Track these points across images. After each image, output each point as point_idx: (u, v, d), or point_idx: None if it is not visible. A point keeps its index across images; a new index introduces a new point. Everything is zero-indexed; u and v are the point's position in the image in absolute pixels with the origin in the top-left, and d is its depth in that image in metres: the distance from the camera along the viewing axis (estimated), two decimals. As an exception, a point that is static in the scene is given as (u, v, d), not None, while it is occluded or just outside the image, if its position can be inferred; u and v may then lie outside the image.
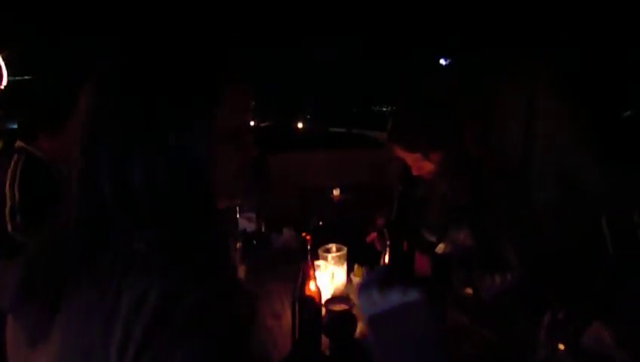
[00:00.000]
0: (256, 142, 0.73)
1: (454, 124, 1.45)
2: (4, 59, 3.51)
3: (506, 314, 1.34)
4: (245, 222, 1.96)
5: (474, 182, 1.45)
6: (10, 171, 1.85)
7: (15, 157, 1.88)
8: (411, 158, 1.47)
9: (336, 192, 5.11)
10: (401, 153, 1.48)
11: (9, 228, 1.80)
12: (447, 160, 1.43)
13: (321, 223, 2.18)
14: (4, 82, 3.57)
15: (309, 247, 1.05)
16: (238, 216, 1.98)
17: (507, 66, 1.75)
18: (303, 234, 1.03)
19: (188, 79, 0.63)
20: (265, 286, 1.47)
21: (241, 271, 1.44)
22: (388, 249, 1.32)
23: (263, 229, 2.11)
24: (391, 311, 0.71)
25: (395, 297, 0.72)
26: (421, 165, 1.47)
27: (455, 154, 1.43)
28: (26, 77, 4.14)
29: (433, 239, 1.54)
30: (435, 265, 1.43)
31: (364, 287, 0.77)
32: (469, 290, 1.35)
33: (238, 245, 1.45)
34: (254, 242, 1.90)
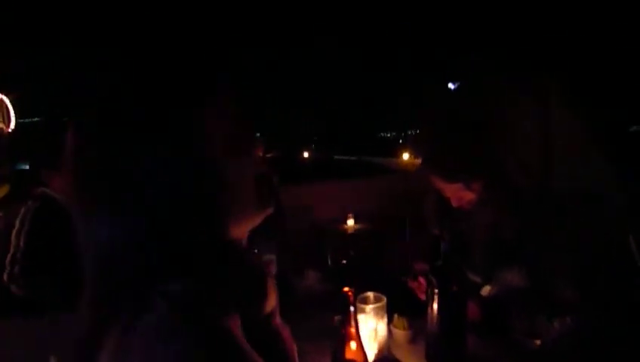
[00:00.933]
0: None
1: (494, 148, 1.32)
2: (11, 102, 3.49)
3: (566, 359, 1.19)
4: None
5: (520, 213, 1.30)
6: (20, 218, 1.76)
7: (29, 203, 1.80)
8: (451, 189, 1.33)
9: (350, 223, 4.96)
10: (439, 183, 1.35)
11: (5, 277, 1.69)
12: (489, 188, 1.30)
13: (344, 261, 2.03)
14: (12, 125, 3.53)
15: (352, 308, 0.90)
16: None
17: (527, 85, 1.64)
18: (345, 289, 0.89)
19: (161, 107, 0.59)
20: (297, 344, 1.31)
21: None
22: (434, 299, 1.17)
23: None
24: None
25: None
26: (462, 195, 1.33)
27: (497, 181, 1.29)
28: (35, 118, 4.11)
29: (478, 279, 1.39)
30: (485, 310, 1.28)
31: None
32: (532, 338, 1.19)
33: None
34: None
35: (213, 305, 0.55)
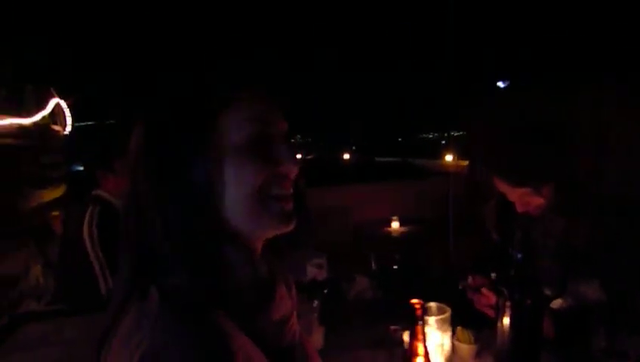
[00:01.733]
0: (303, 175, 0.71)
1: (565, 153, 1.23)
2: (69, 106, 3.64)
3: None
4: (314, 270, 1.76)
5: (595, 219, 1.20)
6: (86, 226, 1.79)
7: (90, 208, 1.83)
8: (518, 194, 1.24)
9: (394, 226, 4.85)
10: (504, 188, 1.26)
11: (102, 289, 1.72)
12: (561, 193, 1.20)
13: (395, 267, 1.96)
14: (69, 128, 3.67)
15: (420, 322, 0.84)
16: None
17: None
18: (414, 302, 0.82)
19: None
20: (351, 351, 1.26)
21: (319, 335, 1.24)
22: (506, 311, 1.09)
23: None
24: None
25: None
26: (529, 200, 1.24)
27: (570, 186, 1.19)
28: (89, 122, 4.28)
29: (548, 292, 1.29)
30: (559, 325, 1.18)
31: None
32: (617, 359, 1.08)
33: (315, 303, 1.26)
34: (325, 291, 1.70)
35: (206, 303, 0.57)
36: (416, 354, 0.86)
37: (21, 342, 1.29)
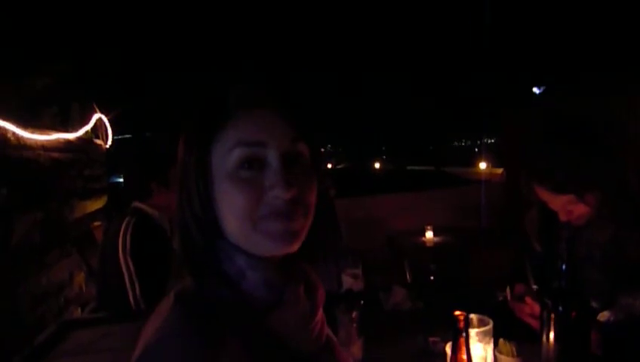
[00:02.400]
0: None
1: (612, 158, 1.20)
2: (109, 121, 3.80)
3: None
4: (350, 280, 1.76)
5: None
6: (121, 237, 1.86)
7: (127, 218, 1.91)
8: (560, 201, 1.22)
9: (429, 235, 4.79)
10: (545, 196, 1.24)
11: (131, 299, 1.79)
12: (607, 200, 1.17)
13: (432, 278, 1.94)
14: (109, 141, 3.83)
15: (464, 334, 0.83)
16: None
17: None
18: (457, 314, 0.82)
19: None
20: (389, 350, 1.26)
21: (358, 346, 1.24)
22: (553, 322, 1.06)
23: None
24: None
25: None
26: (573, 209, 1.21)
27: (618, 194, 1.16)
28: (127, 135, 4.45)
29: (595, 305, 1.25)
30: (607, 340, 1.14)
31: None
32: None
33: (354, 314, 1.26)
34: (362, 302, 1.69)
35: (215, 306, 0.61)
36: (460, 367, 0.85)
37: (70, 349, 1.35)
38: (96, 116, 3.66)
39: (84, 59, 3.08)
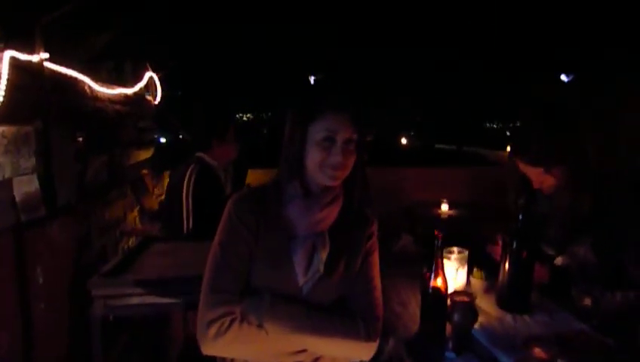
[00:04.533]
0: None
1: (577, 138, 1.52)
2: (160, 79, 4.11)
3: (625, 323, 1.37)
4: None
5: (597, 196, 1.50)
6: (185, 181, 2.31)
7: (192, 166, 2.35)
8: (533, 172, 1.56)
9: (444, 208, 5.13)
10: (523, 167, 1.58)
11: (184, 230, 2.25)
12: (570, 174, 1.51)
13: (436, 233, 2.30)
14: (159, 98, 4.17)
15: (439, 243, 1.22)
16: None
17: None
18: (436, 232, 1.19)
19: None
20: (391, 279, 1.66)
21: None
22: (508, 257, 1.43)
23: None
24: None
25: None
26: (543, 179, 1.55)
27: (578, 169, 1.49)
28: (179, 92, 4.83)
29: (552, 252, 1.61)
30: (553, 275, 1.50)
31: None
32: (588, 301, 1.40)
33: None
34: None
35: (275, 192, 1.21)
36: (437, 272, 1.23)
37: (155, 252, 1.80)
38: (148, 74, 3.98)
39: (139, 18, 3.30)
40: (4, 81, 1.56)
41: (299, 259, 1.12)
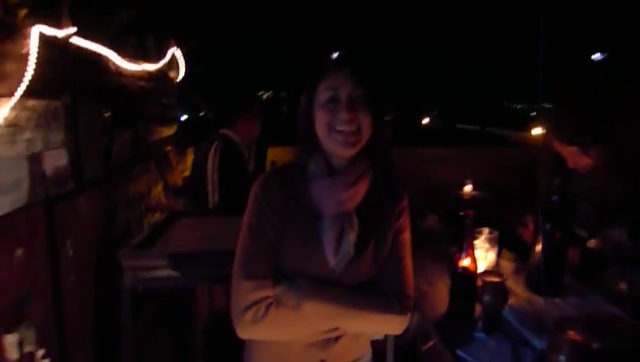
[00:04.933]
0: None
1: (617, 121, 1.47)
2: (183, 55, 4.11)
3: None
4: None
5: (634, 179, 1.45)
6: (211, 156, 2.33)
7: (216, 142, 2.37)
8: (569, 151, 1.52)
9: (467, 188, 5.06)
10: (558, 146, 1.54)
11: (210, 204, 2.28)
12: (607, 155, 1.46)
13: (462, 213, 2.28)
14: (181, 75, 4.17)
15: (470, 223, 1.20)
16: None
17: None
18: (467, 212, 1.17)
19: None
20: (417, 260, 1.65)
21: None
22: (540, 238, 1.40)
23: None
24: None
25: None
26: (578, 159, 1.51)
27: (615, 151, 1.45)
28: (200, 69, 4.82)
29: (584, 234, 1.57)
30: (585, 258, 1.47)
31: None
32: (623, 285, 1.37)
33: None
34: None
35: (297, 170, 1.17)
36: (467, 252, 1.22)
37: (183, 225, 1.82)
38: (171, 50, 3.99)
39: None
40: (33, 56, 1.56)
41: (328, 239, 1.10)
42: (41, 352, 1.58)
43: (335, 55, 1.11)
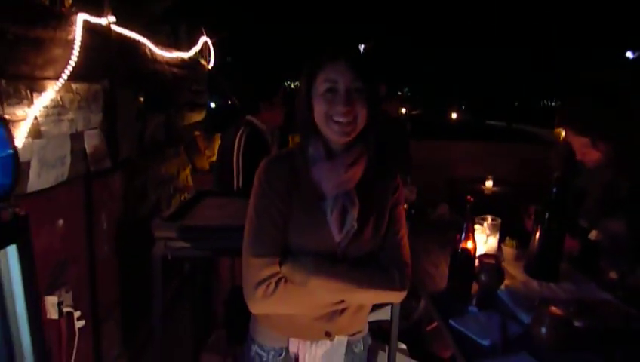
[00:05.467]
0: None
1: (630, 117, 1.50)
2: (213, 45, 4.23)
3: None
4: (407, 192, 2.24)
5: (637, 175, 1.50)
6: (237, 141, 2.47)
7: (242, 128, 2.50)
8: (579, 142, 1.55)
9: (488, 184, 5.09)
10: (569, 136, 1.58)
11: (234, 187, 2.42)
12: (615, 151, 1.49)
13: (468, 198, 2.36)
14: (212, 64, 4.30)
15: (470, 208, 1.29)
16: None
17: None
18: (468, 197, 1.27)
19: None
20: (425, 244, 1.77)
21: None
22: (539, 226, 1.48)
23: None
24: None
25: None
26: (587, 151, 1.54)
27: (624, 147, 1.48)
28: (228, 58, 4.96)
29: (586, 226, 1.64)
30: (585, 249, 1.54)
31: None
32: (614, 274, 1.43)
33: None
34: (412, 211, 2.18)
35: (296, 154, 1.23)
36: (467, 235, 1.31)
37: (208, 205, 1.97)
38: (203, 39, 4.03)
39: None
40: (78, 42, 1.69)
41: (332, 217, 1.18)
42: (77, 314, 1.73)
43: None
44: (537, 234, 1.49)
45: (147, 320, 2.26)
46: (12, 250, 0.87)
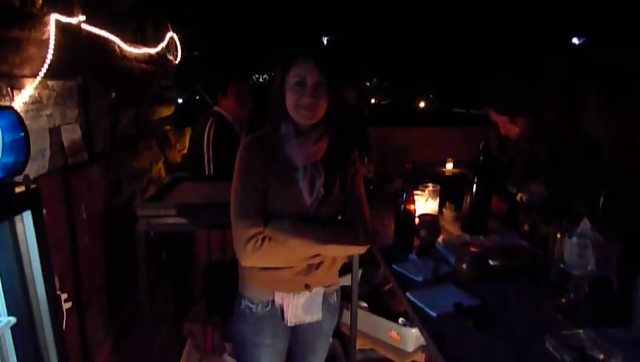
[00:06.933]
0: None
1: (539, 97, 1.78)
2: (180, 40, 4.31)
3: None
4: (365, 170, 2.46)
5: (551, 145, 1.77)
6: (206, 131, 2.63)
7: (211, 119, 2.66)
8: (500, 120, 1.83)
9: (448, 166, 5.37)
10: (492, 115, 1.85)
11: (206, 171, 2.60)
12: (530, 125, 1.77)
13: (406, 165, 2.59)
14: (179, 58, 4.38)
15: (408, 174, 1.52)
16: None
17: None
18: (406, 165, 1.50)
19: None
20: (378, 210, 2.02)
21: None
22: (470, 188, 1.73)
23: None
24: None
25: None
26: (508, 127, 1.82)
27: (537, 121, 1.76)
28: (195, 52, 5.03)
29: (514, 190, 1.91)
30: (512, 209, 1.81)
31: None
32: (526, 227, 1.69)
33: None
34: (371, 187, 2.40)
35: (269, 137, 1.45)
36: (408, 198, 1.55)
37: (184, 188, 2.14)
38: (169, 34, 4.01)
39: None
40: (52, 41, 1.78)
41: (303, 185, 1.41)
42: (64, 296, 1.86)
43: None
44: (467, 198, 1.74)
45: (130, 304, 2.39)
46: (27, 216, 1.03)
